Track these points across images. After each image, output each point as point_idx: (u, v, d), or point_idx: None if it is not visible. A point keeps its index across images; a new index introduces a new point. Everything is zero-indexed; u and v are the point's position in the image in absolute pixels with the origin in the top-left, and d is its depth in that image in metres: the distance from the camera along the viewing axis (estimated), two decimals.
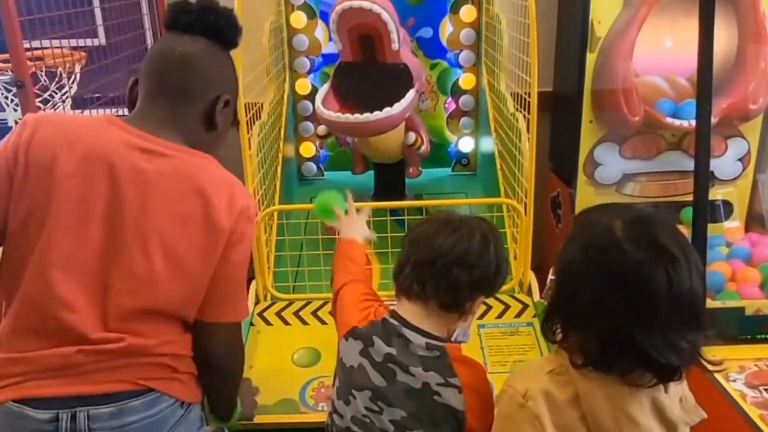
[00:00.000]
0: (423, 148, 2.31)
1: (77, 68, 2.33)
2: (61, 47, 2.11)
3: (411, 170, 2.42)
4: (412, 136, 2.25)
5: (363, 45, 2.04)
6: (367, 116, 1.92)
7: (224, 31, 1.15)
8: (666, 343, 0.84)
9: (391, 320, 1.10)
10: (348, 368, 1.11)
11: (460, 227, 1.10)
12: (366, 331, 1.11)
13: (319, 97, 2.09)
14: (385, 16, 1.89)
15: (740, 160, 2.28)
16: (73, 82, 2.32)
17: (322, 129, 2.36)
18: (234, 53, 1.67)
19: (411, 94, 2.02)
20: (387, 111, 1.94)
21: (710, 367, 0.92)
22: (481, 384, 1.08)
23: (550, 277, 0.96)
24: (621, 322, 0.85)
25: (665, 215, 0.93)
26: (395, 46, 1.97)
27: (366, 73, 2.07)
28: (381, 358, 1.07)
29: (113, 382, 1.02)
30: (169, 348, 1.08)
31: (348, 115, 1.94)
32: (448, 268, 1.06)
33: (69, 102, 2.24)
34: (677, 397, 0.92)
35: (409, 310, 1.11)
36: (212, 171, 1.10)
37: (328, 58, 2.56)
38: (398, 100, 1.97)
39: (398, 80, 2.02)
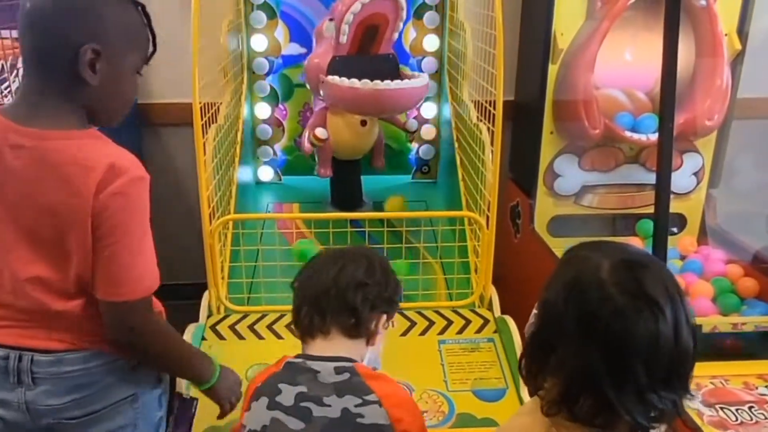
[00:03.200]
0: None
1: (20, 61, 2.21)
2: (1, 38, 1.99)
3: (378, 161, 2.43)
4: (414, 123, 2.37)
5: (364, 37, 2.02)
6: (407, 83, 1.95)
7: None
8: (640, 400, 0.79)
9: (295, 360, 1.10)
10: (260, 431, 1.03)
11: (343, 257, 1.17)
12: (267, 384, 1.07)
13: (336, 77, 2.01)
14: (402, 2, 1.94)
15: (695, 174, 2.33)
16: (15, 76, 2.20)
17: (321, 131, 2.23)
18: (190, 52, 1.62)
19: (425, 76, 2.08)
20: (420, 80, 1.99)
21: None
22: (399, 392, 1.10)
23: (534, 311, 0.91)
24: (592, 367, 0.80)
25: (659, 262, 0.87)
26: (395, 36, 1.97)
27: (358, 66, 2.04)
28: (292, 402, 1.02)
29: (52, 341, 1.09)
30: (94, 313, 1.09)
31: (377, 81, 1.92)
32: (343, 292, 1.11)
33: (11, 96, 2.12)
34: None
35: (313, 347, 1.12)
36: (78, 152, 1.01)
37: (288, 60, 2.50)
38: None
39: (387, 69, 2.03)
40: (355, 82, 1.94)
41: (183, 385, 1.40)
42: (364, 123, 2.21)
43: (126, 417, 1.16)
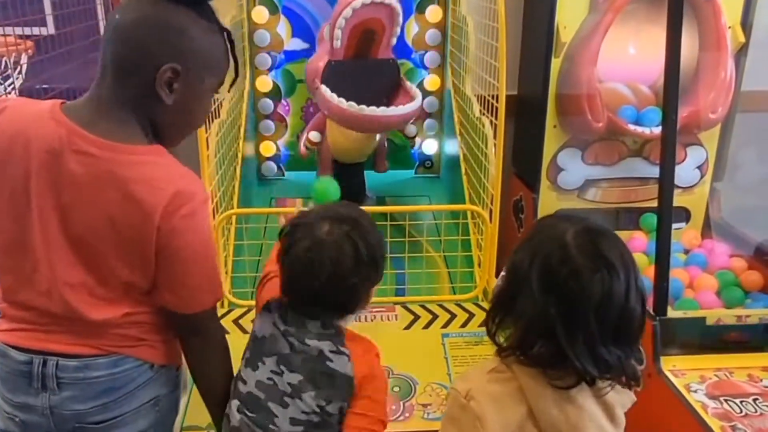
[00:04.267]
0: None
1: (24, 58, 2.21)
2: (5, 35, 2.00)
3: (381, 165, 2.42)
4: (413, 128, 2.33)
5: (361, 41, 2.01)
6: (394, 110, 1.94)
7: None
8: (591, 353, 0.87)
9: (291, 306, 1.15)
10: (260, 338, 1.16)
11: (322, 255, 1.08)
12: (274, 305, 1.16)
13: (327, 91, 2.02)
14: (398, 8, 1.92)
15: (698, 167, 2.32)
16: (19, 73, 2.20)
17: (314, 135, 2.27)
18: None
19: (420, 97, 2.07)
20: (410, 106, 1.96)
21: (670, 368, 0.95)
22: (371, 357, 1.15)
23: (502, 273, 0.99)
24: (549, 317, 0.88)
25: (616, 235, 0.95)
26: (393, 40, 1.96)
27: (355, 70, 2.04)
28: (279, 332, 1.13)
29: (80, 346, 1.08)
30: (132, 320, 1.10)
31: (373, 107, 1.92)
32: (336, 293, 1.10)
33: (15, 93, 2.13)
34: (607, 385, 0.94)
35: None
36: (146, 171, 1.02)
37: (290, 55, 2.50)
38: (388, 95, 1.98)
39: (388, 75, 2.03)
40: (342, 102, 1.91)
41: None
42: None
43: (148, 420, 1.16)
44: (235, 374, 1.20)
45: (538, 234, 0.95)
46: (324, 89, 1.99)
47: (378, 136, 2.26)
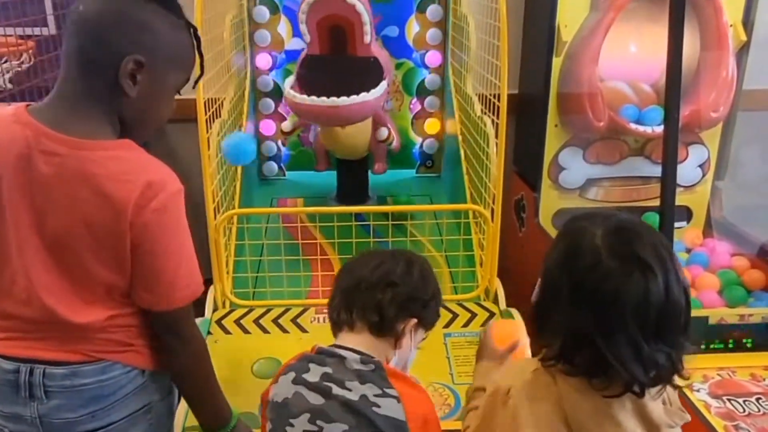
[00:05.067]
0: (394, 143, 2.29)
1: (24, 58, 2.21)
2: (6, 35, 1.99)
3: (377, 166, 2.38)
4: (384, 131, 2.24)
5: (333, 37, 2.00)
6: (344, 100, 1.89)
7: None
8: (636, 355, 0.84)
9: (325, 347, 1.11)
10: (282, 403, 1.06)
11: (385, 255, 1.17)
12: (298, 362, 1.10)
13: (288, 84, 2.03)
14: (359, 7, 1.86)
15: (700, 166, 2.32)
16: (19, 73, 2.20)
17: (286, 125, 2.32)
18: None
19: (384, 84, 1.98)
20: (363, 96, 1.90)
21: (680, 383, 0.91)
22: (421, 396, 1.08)
23: (539, 281, 0.97)
24: (585, 328, 0.85)
25: (650, 226, 0.91)
26: (367, 38, 1.94)
27: (334, 66, 2.01)
28: (317, 378, 1.05)
29: (66, 352, 1.07)
30: (117, 323, 1.09)
31: (324, 98, 1.89)
32: (372, 289, 1.11)
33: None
34: (659, 398, 0.91)
35: (342, 340, 1.12)
36: (114, 165, 1.00)
37: (291, 55, 2.49)
38: (368, 90, 1.93)
39: (368, 73, 1.98)
40: (315, 100, 1.90)
41: None
42: (342, 126, 2.19)
43: (141, 428, 1.15)
44: None
45: (567, 239, 0.93)
46: (286, 90, 2.00)
47: (363, 134, 2.22)
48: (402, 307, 1.10)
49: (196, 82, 1.16)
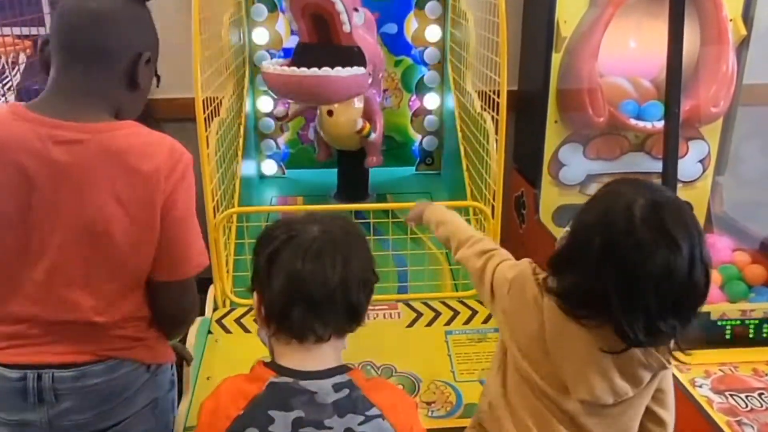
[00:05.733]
0: (373, 135, 2.22)
1: (21, 58, 2.20)
2: (2, 35, 1.99)
3: (368, 159, 2.32)
4: (359, 121, 2.19)
5: (317, 26, 2.00)
6: (315, 70, 1.89)
7: None
8: (647, 324, 0.88)
9: (280, 381, 0.91)
10: None
11: (336, 241, 0.95)
12: (251, 412, 0.89)
13: (267, 62, 2.06)
14: None
15: (700, 161, 2.31)
16: (16, 72, 2.19)
17: (279, 110, 2.32)
18: (192, 47, 1.61)
19: (360, 68, 1.98)
20: (326, 70, 1.90)
21: (674, 363, 0.96)
22: (401, 400, 1.00)
23: (566, 228, 0.99)
24: (606, 288, 0.89)
25: (686, 205, 0.94)
26: (346, 28, 1.94)
27: (320, 54, 2.00)
28: (289, 430, 0.88)
29: (74, 354, 1.06)
30: (132, 315, 1.10)
31: (294, 68, 1.91)
32: (348, 294, 0.94)
33: (13, 92, 2.12)
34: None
35: (296, 355, 0.94)
36: (135, 140, 1.04)
37: (290, 53, 2.48)
38: None
39: (350, 61, 1.97)
40: (285, 70, 1.92)
41: None
42: (330, 113, 2.19)
43: (148, 423, 1.16)
44: None
45: (607, 199, 0.95)
46: (263, 65, 2.03)
47: (350, 123, 2.19)
48: (371, 292, 0.99)
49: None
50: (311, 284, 0.92)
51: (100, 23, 1.02)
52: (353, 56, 1.98)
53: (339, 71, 1.92)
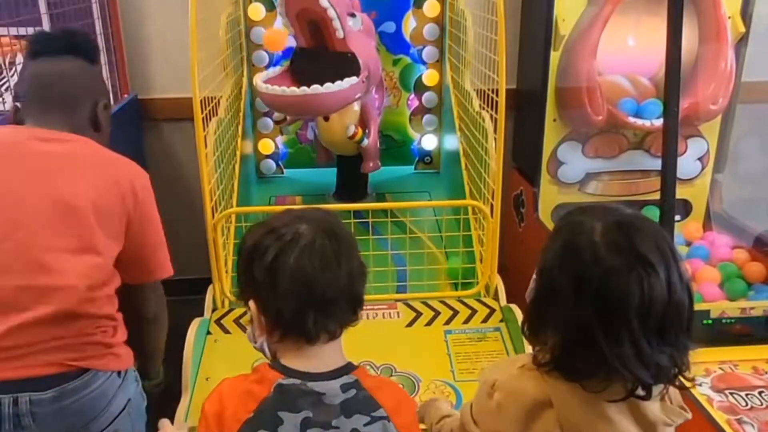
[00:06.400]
0: (366, 141, 2.21)
1: (19, 58, 2.19)
2: None
3: (364, 165, 2.29)
4: (351, 128, 2.17)
5: (312, 31, 2.00)
6: (305, 89, 1.88)
7: (88, 50, 1.34)
8: (639, 356, 0.80)
9: (288, 383, 0.91)
10: None
11: (332, 239, 0.94)
12: (261, 414, 0.89)
13: (263, 76, 2.04)
14: (323, 2, 1.84)
15: (699, 159, 2.31)
16: (14, 73, 2.19)
17: (277, 115, 2.34)
18: (189, 46, 1.61)
19: (352, 79, 1.95)
20: (316, 88, 1.88)
21: (687, 384, 0.88)
22: (403, 399, 1.01)
23: (533, 277, 0.93)
24: (587, 325, 0.81)
25: (652, 221, 0.88)
26: (339, 34, 1.93)
27: (317, 60, 2.01)
28: (298, 430, 0.89)
29: (45, 366, 1.07)
30: (104, 313, 1.17)
31: (284, 88, 1.90)
32: (353, 287, 0.96)
33: (10, 93, 2.11)
34: (657, 395, 0.87)
35: (303, 356, 0.94)
36: (102, 151, 1.26)
37: (288, 52, 2.48)
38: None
39: (344, 69, 1.96)
40: (277, 89, 1.91)
41: None
42: (326, 119, 2.19)
43: (124, 423, 1.19)
44: None
45: (565, 233, 0.89)
46: (255, 81, 2.02)
47: (346, 128, 2.18)
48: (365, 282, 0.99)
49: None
50: (323, 285, 0.91)
51: (66, 79, 1.27)
52: (347, 62, 1.98)
53: (330, 87, 1.89)
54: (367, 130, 2.22)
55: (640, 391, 0.83)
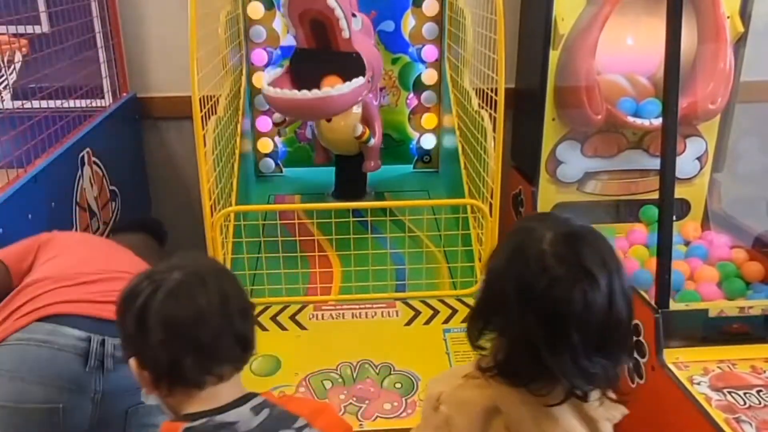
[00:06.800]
0: (372, 141, 2.22)
1: (18, 56, 2.19)
2: None
3: (365, 164, 2.30)
4: (359, 127, 2.17)
5: (315, 31, 1.98)
6: (316, 92, 1.85)
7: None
8: (576, 366, 0.82)
9: (196, 424, 0.88)
10: None
11: (193, 286, 0.91)
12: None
13: (266, 78, 2.02)
14: (331, 2, 1.83)
15: (698, 159, 2.31)
16: (12, 71, 2.18)
17: (277, 116, 2.31)
18: (188, 45, 1.61)
19: (360, 80, 1.95)
20: (327, 91, 1.87)
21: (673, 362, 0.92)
22: (316, 404, 1.03)
23: (482, 279, 0.94)
24: (530, 335, 0.83)
25: (600, 235, 0.89)
26: (345, 34, 1.92)
27: (320, 61, 2.00)
28: None
29: None
30: None
31: (295, 91, 1.87)
32: (232, 326, 0.92)
33: (9, 91, 2.11)
34: (596, 394, 0.90)
35: (200, 400, 0.90)
36: None
37: (287, 51, 2.47)
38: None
39: (349, 69, 1.95)
40: (286, 93, 1.88)
41: None
42: (328, 119, 2.17)
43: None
44: None
45: (515, 240, 0.90)
46: (264, 86, 1.97)
47: (351, 128, 2.17)
48: (254, 319, 0.99)
49: None
50: (194, 327, 0.88)
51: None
52: (352, 63, 1.97)
53: (340, 89, 1.88)
54: (371, 130, 2.23)
55: (579, 393, 0.86)
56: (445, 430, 0.90)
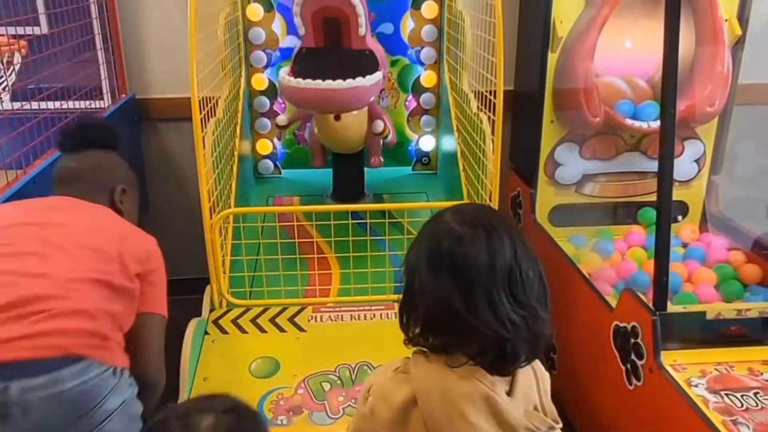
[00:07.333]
0: (390, 137, 2.26)
1: (17, 58, 2.19)
2: None
3: (373, 160, 2.35)
4: (380, 123, 2.20)
5: (328, 30, 1.99)
6: (339, 83, 1.87)
7: (104, 140, 1.47)
8: (496, 316, 0.87)
9: None
10: None
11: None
12: None
13: (284, 71, 2.02)
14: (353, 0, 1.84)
15: (696, 161, 2.32)
16: (11, 73, 2.18)
17: (281, 119, 2.32)
18: (188, 47, 1.61)
19: (379, 74, 1.97)
20: (359, 81, 1.88)
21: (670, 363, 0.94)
22: None
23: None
24: (446, 296, 0.88)
25: (504, 216, 0.99)
26: (362, 31, 1.93)
27: (329, 58, 2.00)
28: None
29: (40, 349, 1.06)
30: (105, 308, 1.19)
31: (319, 81, 1.87)
32: None
33: (8, 93, 2.11)
34: (527, 404, 0.92)
35: None
36: None
37: (286, 53, 2.48)
38: (363, 76, 1.93)
39: (364, 64, 1.96)
40: (310, 83, 1.88)
41: None
42: (337, 118, 2.16)
43: (118, 423, 1.16)
44: None
45: (424, 230, 0.97)
46: (281, 76, 1.98)
47: (360, 126, 2.20)
48: None
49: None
50: None
51: (80, 176, 1.40)
52: (366, 60, 1.98)
53: (361, 81, 1.90)
54: (385, 126, 2.27)
55: (508, 349, 0.88)
56: (370, 419, 0.95)
